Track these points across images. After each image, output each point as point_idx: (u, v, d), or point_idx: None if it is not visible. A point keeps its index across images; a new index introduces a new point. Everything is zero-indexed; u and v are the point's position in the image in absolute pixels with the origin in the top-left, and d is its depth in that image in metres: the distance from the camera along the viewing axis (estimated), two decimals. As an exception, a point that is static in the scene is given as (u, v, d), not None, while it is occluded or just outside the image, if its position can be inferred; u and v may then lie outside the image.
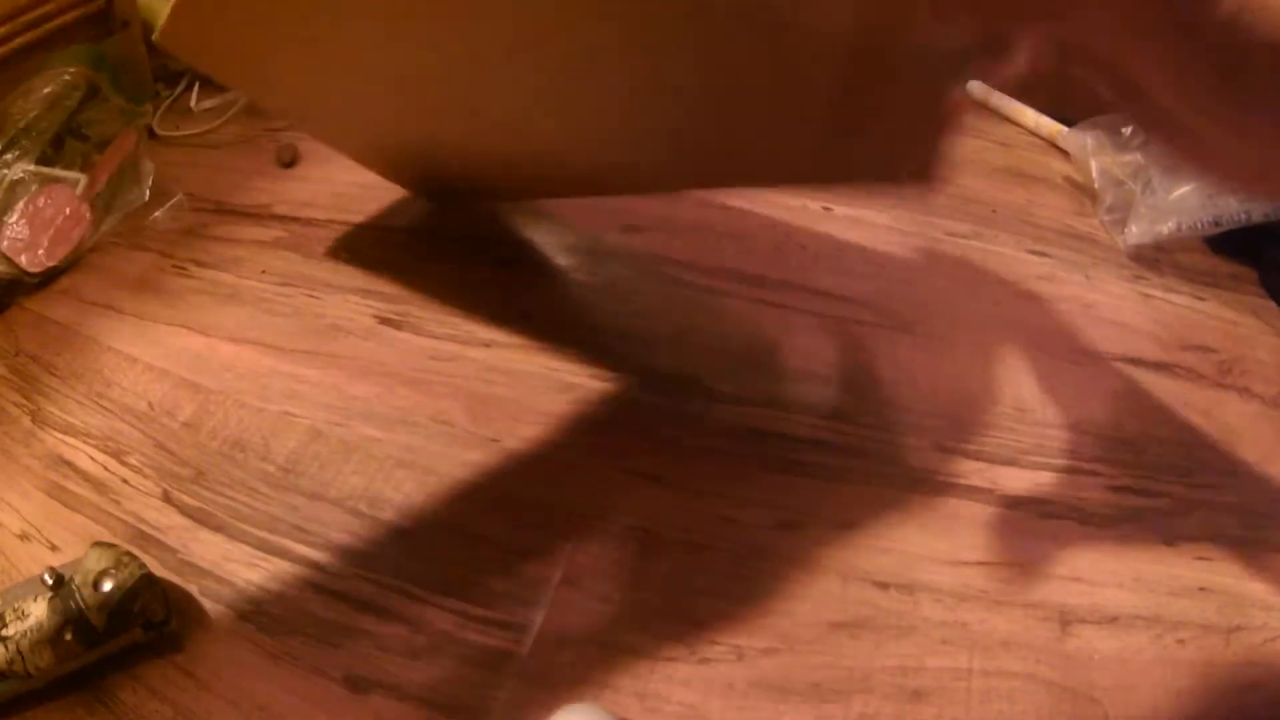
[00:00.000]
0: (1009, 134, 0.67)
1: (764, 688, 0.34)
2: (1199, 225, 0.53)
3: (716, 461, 0.42)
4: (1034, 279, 0.53)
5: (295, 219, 0.58)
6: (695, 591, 0.37)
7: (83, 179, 0.55)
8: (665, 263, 0.54)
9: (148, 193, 0.59)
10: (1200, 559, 0.38)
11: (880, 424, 0.43)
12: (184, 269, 0.55)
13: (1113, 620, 0.36)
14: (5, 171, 0.52)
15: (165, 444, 0.44)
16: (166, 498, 0.41)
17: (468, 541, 0.39)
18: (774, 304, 0.51)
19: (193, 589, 0.37)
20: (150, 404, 0.46)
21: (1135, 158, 0.57)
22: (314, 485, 0.42)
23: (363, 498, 0.41)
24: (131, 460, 0.43)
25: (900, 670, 0.34)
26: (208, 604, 0.37)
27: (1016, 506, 0.40)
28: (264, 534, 0.40)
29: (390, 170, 0.55)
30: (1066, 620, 0.36)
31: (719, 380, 0.46)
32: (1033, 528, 0.39)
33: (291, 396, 0.46)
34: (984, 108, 0.70)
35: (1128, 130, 0.57)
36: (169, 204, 0.59)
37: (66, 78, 0.56)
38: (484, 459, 0.42)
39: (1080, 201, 0.59)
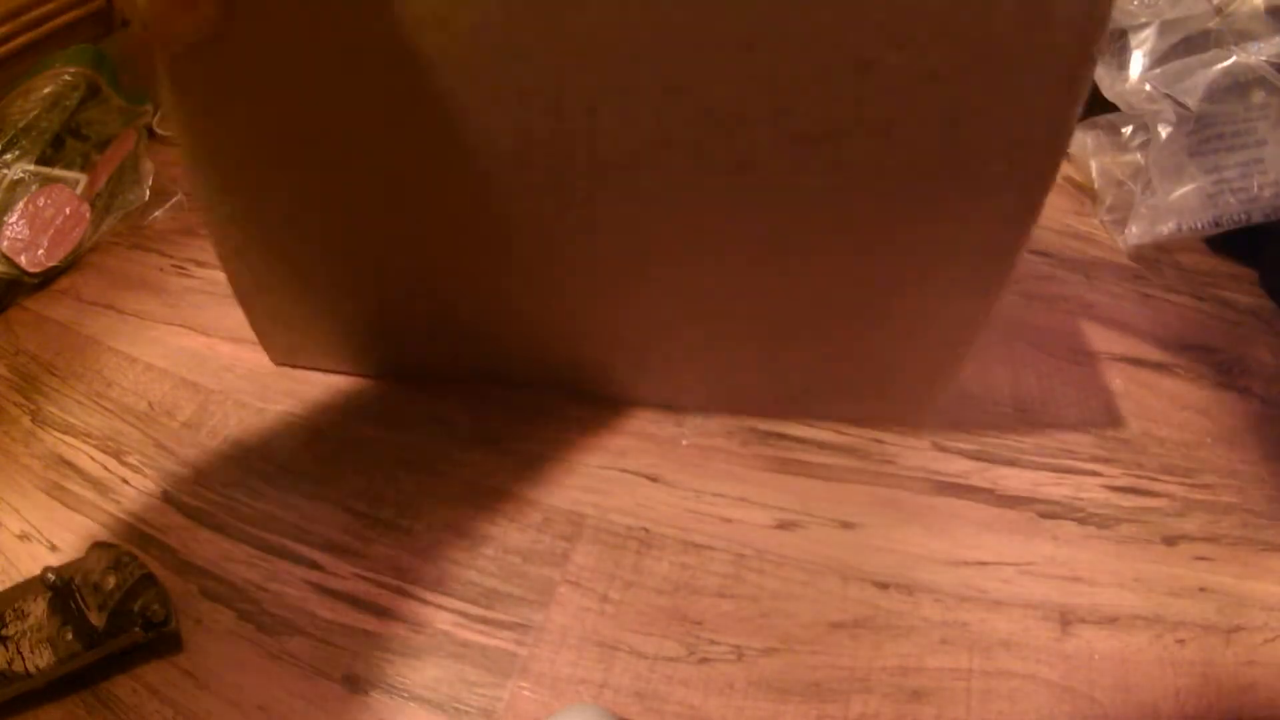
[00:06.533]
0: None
1: (764, 688, 0.34)
2: (1199, 225, 0.53)
3: (716, 461, 0.42)
4: (1034, 279, 0.53)
5: (295, 219, 0.58)
6: (695, 591, 0.37)
7: (83, 179, 0.55)
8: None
9: (148, 193, 0.59)
10: (1200, 559, 0.38)
11: (880, 424, 0.44)
12: (184, 269, 0.55)
13: (1113, 620, 0.36)
14: (5, 171, 0.52)
15: (165, 444, 0.44)
16: (166, 498, 0.41)
17: (468, 541, 0.39)
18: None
19: (193, 589, 0.37)
20: (150, 404, 0.46)
21: (1135, 158, 0.57)
22: (314, 485, 0.42)
23: (363, 498, 0.41)
24: (131, 460, 0.43)
25: (900, 670, 0.34)
26: (208, 604, 0.37)
27: (1016, 506, 0.40)
28: (264, 534, 0.40)
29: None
30: (1066, 620, 0.36)
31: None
32: (1033, 528, 0.39)
33: (291, 396, 0.46)
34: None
35: (1128, 130, 0.57)
36: (169, 204, 0.59)
37: (66, 78, 0.56)
38: (484, 459, 0.42)
39: (1080, 201, 0.59)
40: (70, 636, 0.33)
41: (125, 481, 0.42)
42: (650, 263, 0.37)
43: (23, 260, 0.52)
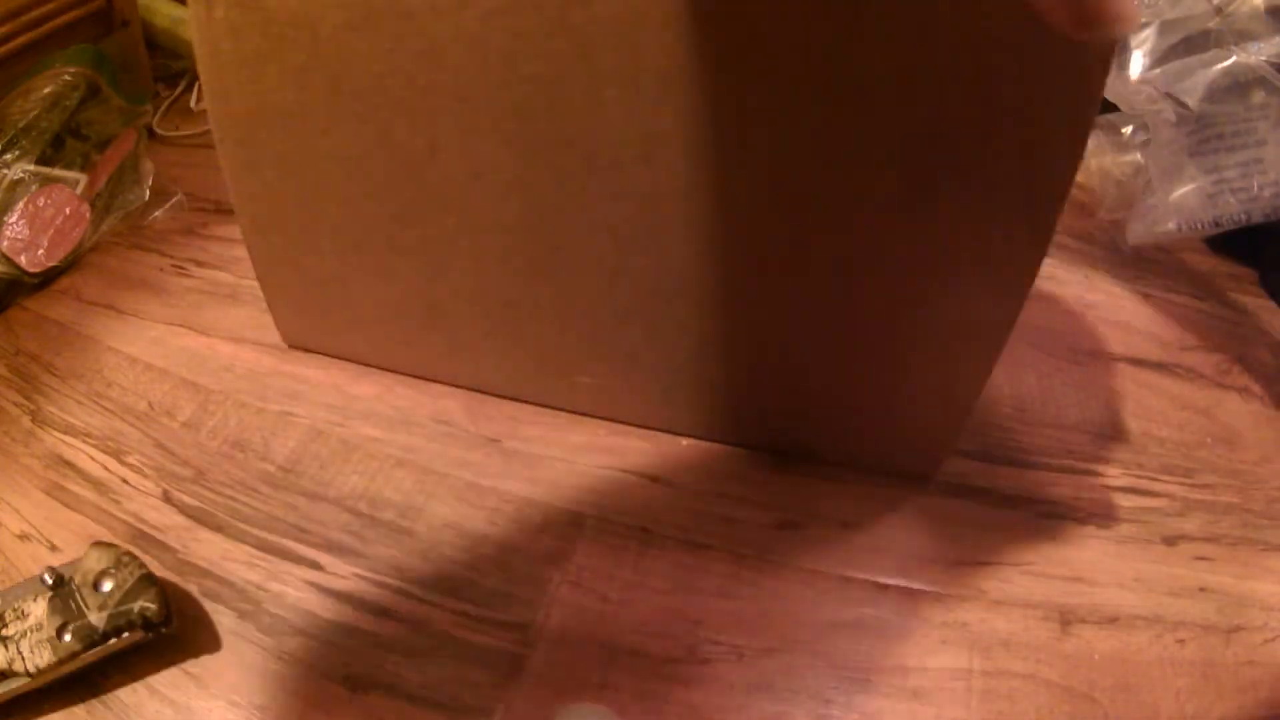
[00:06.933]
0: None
1: (764, 688, 0.34)
2: (1199, 225, 0.53)
3: (716, 461, 0.42)
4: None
5: (295, 219, 0.58)
6: (695, 591, 0.37)
7: (83, 179, 0.55)
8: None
9: (148, 193, 0.59)
10: (1200, 559, 0.38)
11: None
12: (184, 269, 0.55)
13: (1113, 620, 0.36)
14: (5, 171, 0.52)
15: (165, 444, 0.44)
16: (166, 498, 0.41)
17: (468, 541, 0.39)
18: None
19: (193, 589, 0.37)
20: (150, 404, 0.46)
21: (1135, 158, 0.57)
22: (314, 485, 0.42)
23: (363, 498, 0.41)
24: (131, 460, 0.43)
25: (900, 670, 0.34)
26: (208, 604, 0.37)
27: (1016, 506, 0.40)
28: (264, 534, 0.40)
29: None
30: (1066, 620, 0.36)
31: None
32: (1033, 528, 0.39)
33: (291, 396, 0.46)
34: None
35: (1128, 130, 0.57)
36: (169, 204, 0.59)
37: (66, 78, 0.56)
38: (484, 459, 0.42)
39: (1080, 201, 0.59)
40: (70, 636, 0.33)
41: (125, 481, 0.42)
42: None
43: (23, 260, 0.52)
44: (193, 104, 0.71)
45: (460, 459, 0.42)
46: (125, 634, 0.33)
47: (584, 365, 0.42)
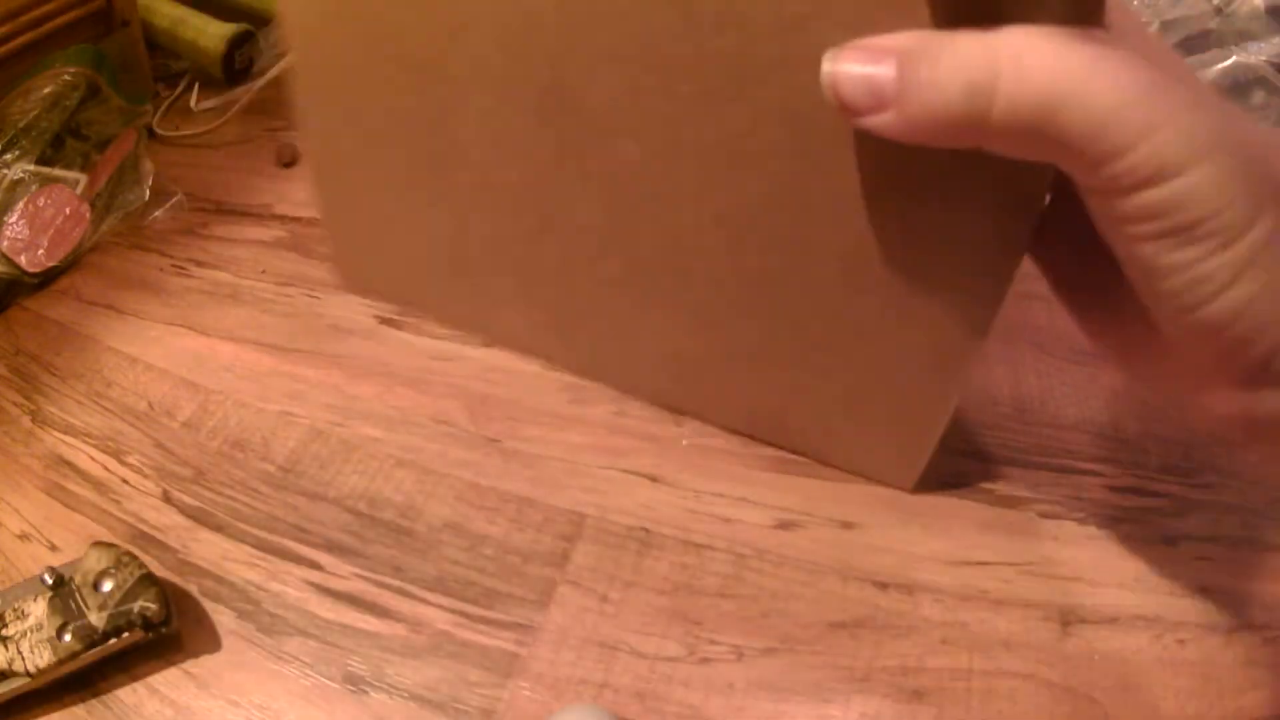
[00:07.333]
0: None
1: (764, 688, 0.34)
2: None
3: (716, 461, 0.42)
4: (1034, 278, 0.53)
5: (295, 219, 0.58)
6: (695, 591, 0.37)
7: (83, 179, 0.55)
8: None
9: (148, 193, 0.59)
10: (1200, 559, 0.38)
11: (880, 424, 0.43)
12: (184, 269, 0.55)
13: (1113, 620, 0.36)
14: (5, 171, 0.52)
15: (165, 444, 0.44)
16: (166, 498, 0.41)
17: (468, 541, 0.39)
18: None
19: (193, 589, 0.37)
20: (150, 404, 0.46)
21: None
22: (314, 485, 0.42)
23: (363, 498, 0.41)
24: (131, 460, 0.43)
25: (900, 670, 0.34)
26: (208, 604, 0.37)
27: (1016, 506, 0.40)
28: (264, 534, 0.40)
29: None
30: (1066, 620, 0.36)
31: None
32: (1033, 528, 0.39)
33: (291, 396, 0.46)
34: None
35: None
36: (169, 204, 0.59)
37: (66, 78, 0.56)
38: (484, 459, 0.42)
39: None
40: (70, 636, 0.33)
41: (125, 481, 0.42)
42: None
43: (23, 260, 0.52)
44: (193, 104, 0.71)
45: (460, 459, 0.42)
46: (125, 634, 0.33)
47: (583, 327, 0.44)
